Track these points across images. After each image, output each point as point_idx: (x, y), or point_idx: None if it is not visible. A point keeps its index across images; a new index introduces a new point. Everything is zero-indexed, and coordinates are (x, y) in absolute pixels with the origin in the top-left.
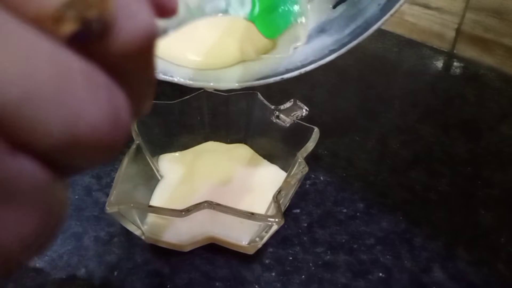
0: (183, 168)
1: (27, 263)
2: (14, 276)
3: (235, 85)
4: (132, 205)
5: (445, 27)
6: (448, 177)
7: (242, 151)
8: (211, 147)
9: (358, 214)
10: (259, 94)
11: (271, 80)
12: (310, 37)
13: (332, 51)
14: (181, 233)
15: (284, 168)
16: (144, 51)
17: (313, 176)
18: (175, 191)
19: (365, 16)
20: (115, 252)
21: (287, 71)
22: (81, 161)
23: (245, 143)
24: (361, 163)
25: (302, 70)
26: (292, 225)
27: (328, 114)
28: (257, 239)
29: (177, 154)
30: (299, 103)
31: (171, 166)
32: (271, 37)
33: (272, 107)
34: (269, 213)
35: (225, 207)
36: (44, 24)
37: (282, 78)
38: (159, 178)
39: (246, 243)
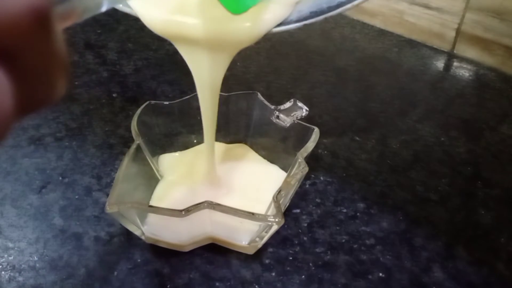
0: (183, 168)
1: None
2: (13, 275)
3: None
4: (132, 205)
5: (445, 27)
6: (448, 177)
7: (242, 151)
8: None
9: (358, 214)
10: (259, 94)
11: (293, 26)
12: None
13: None
14: (181, 233)
15: (284, 168)
16: (29, 29)
17: (313, 176)
18: (175, 191)
19: None
20: (115, 252)
21: (311, 14)
22: None
23: (245, 143)
24: (361, 163)
25: (328, 15)
26: (292, 225)
27: (328, 114)
28: (257, 239)
29: (177, 154)
30: (299, 103)
31: (171, 166)
32: (237, 13)
33: (272, 107)
34: (269, 213)
35: (225, 207)
36: None
37: (305, 23)
38: (159, 178)
39: (246, 243)
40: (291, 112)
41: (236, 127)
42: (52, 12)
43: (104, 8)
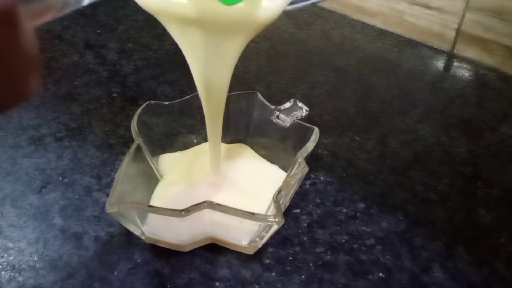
0: (183, 168)
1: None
2: (13, 275)
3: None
4: (132, 205)
5: (445, 27)
6: (448, 177)
7: (242, 150)
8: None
9: (358, 214)
10: (259, 94)
11: (300, 5)
12: None
13: None
14: (181, 233)
15: (284, 168)
16: None
17: (313, 176)
18: (175, 191)
19: None
20: (115, 252)
21: None
22: None
23: (245, 143)
24: (361, 163)
25: None
26: (292, 225)
27: (328, 114)
28: (257, 239)
29: (177, 153)
30: (299, 103)
31: (171, 165)
32: (229, 3)
33: (272, 107)
34: (269, 213)
35: (225, 207)
36: None
37: (313, 2)
38: (159, 178)
39: (246, 243)
40: (291, 112)
41: (236, 127)
42: (19, 10)
43: (86, 2)
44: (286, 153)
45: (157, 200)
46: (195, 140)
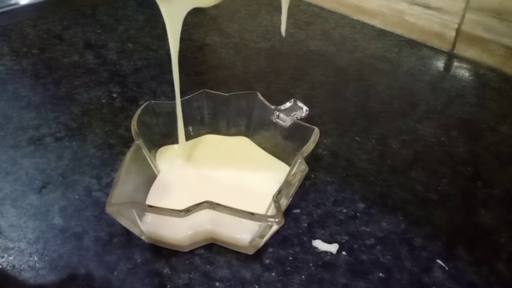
0: (182, 162)
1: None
2: (13, 276)
3: None
4: (132, 205)
5: (445, 27)
6: (448, 177)
7: (243, 143)
8: (211, 139)
9: (358, 214)
10: (259, 94)
11: None
12: None
13: None
14: (181, 233)
15: (284, 168)
16: None
17: (313, 176)
18: (173, 188)
19: None
20: (115, 252)
21: None
22: None
23: None
24: (361, 163)
25: None
26: (292, 225)
27: (328, 114)
28: (257, 239)
29: (175, 146)
30: (299, 103)
31: (170, 160)
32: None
33: (272, 107)
34: (269, 213)
35: (225, 207)
36: None
37: None
38: None
39: (246, 243)
40: (291, 112)
41: (236, 127)
42: None
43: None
44: (286, 153)
45: (154, 197)
46: (192, 133)
